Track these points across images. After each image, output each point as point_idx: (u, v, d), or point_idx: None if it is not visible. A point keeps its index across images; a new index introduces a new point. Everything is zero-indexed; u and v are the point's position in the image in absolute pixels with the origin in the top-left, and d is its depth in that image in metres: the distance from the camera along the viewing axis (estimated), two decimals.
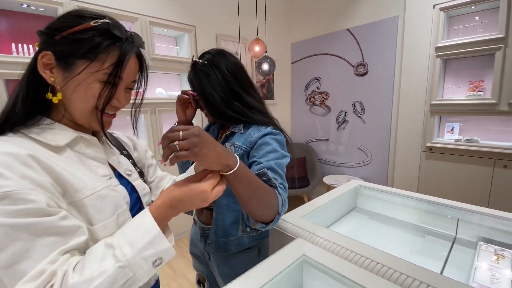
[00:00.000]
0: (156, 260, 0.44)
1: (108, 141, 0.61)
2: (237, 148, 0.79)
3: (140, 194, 0.63)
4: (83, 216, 0.47)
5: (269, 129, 0.79)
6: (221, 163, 0.51)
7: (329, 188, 2.90)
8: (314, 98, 3.29)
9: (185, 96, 0.91)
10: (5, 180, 0.38)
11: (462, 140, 2.22)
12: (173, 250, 0.46)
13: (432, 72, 2.27)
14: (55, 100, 0.49)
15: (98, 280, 0.39)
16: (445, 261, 0.83)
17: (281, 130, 0.83)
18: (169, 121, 2.44)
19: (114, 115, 0.57)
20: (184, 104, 0.93)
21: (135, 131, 0.64)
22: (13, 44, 1.56)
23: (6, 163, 0.40)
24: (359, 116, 2.90)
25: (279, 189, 0.64)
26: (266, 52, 2.52)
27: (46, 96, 0.49)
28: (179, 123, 0.95)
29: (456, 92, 2.28)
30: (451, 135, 2.36)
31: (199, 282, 1.06)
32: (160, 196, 0.50)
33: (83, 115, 0.51)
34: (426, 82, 2.34)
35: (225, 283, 0.87)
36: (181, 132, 0.47)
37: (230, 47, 2.86)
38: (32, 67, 0.49)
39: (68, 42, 0.47)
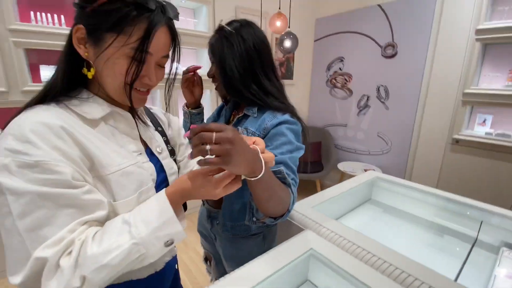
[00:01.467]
0: (167, 241, 0.46)
1: (140, 119, 0.61)
2: (250, 134, 0.75)
3: (168, 173, 0.63)
4: (107, 190, 0.48)
5: (286, 116, 0.74)
6: (248, 170, 0.48)
7: (343, 175, 2.84)
8: (335, 80, 3.13)
9: (190, 74, 0.87)
10: (37, 150, 0.40)
11: (494, 134, 2.06)
12: (184, 233, 0.48)
13: (470, 57, 2.07)
14: (89, 75, 0.49)
15: (114, 253, 0.41)
16: (462, 265, 0.78)
17: (299, 119, 0.77)
18: None
19: (147, 92, 0.56)
20: (190, 84, 0.89)
21: (167, 108, 0.64)
22: (31, 13, 1.55)
23: (40, 132, 0.41)
24: (382, 102, 2.74)
25: (292, 187, 0.62)
26: (289, 27, 2.37)
27: (82, 71, 0.50)
28: (188, 105, 0.92)
29: (494, 81, 2.07)
30: (481, 128, 2.19)
31: (206, 259, 1.09)
32: (174, 184, 0.50)
33: (115, 91, 0.51)
34: (461, 68, 2.14)
35: (230, 265, 0.89)
36: (214, 135, 0.43)
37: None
38: (69, 41, 0.49)
39: (97, 14, 0.46)
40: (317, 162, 3.10)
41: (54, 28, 1.59)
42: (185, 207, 0.58)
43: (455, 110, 2.22)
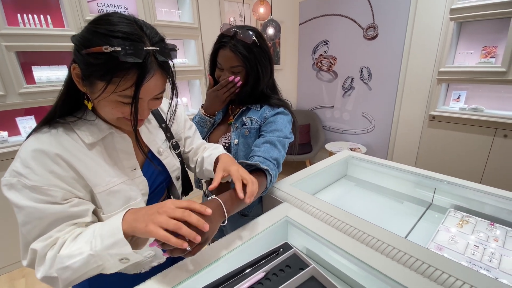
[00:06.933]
0: (122, 259, 0.49)
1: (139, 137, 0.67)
2: (253, 122, 0.91)
3: (170, 171, 0.71)
4: (98, 204, 0.57)
5: (281, 109, 0.92)
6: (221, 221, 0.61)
7: (330, 154, 3.00)
8: (321, 63, 3.21)
9: (237, 88, 0.90)
10: (35, 175, 0.49)
11: (467, 109, 2.21)
12: (136, 255, 0.49)
13: (444, 36, 2.17)
14: (89, 106, 0.55)
15: (75, 258, 0.47)
16: (413, 225, 0.94)
17: (291, 113, 0.95)
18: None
19: (142, 120, 0.58)
20: (229, 96, 0.93)
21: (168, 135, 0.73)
22: (18, 15, 1.59)
23: (38, 159, 0.50)
24: (365, 83, 2.85)
25: (269, 170, 0.77)
26: (271, 14, 2.43)
27: (84, 101, 0.55)
28: (206, 110, 0.97)
29: (468, 58, 2.20)
30: (456, 104, 2.33)
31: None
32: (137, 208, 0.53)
33: (110, 121, 0.58)
34: (436, 48, 2.25)
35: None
36: (197, 237, 0.48)
37: (234, 9, 2.75)
38: (70, 73, 0.52)
39: (87, 62, 0.47)
40: (307, 144, 3.24)
41: (42, 30, 1.64)
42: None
43: (431, 88, 2.35)
